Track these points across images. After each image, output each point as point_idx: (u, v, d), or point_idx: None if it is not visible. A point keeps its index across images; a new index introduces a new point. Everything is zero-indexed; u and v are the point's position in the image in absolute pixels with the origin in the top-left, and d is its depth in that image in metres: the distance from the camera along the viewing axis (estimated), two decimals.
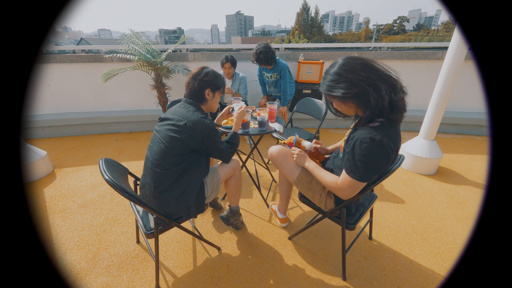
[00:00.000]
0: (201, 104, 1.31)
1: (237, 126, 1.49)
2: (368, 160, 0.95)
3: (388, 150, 0.95)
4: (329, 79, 0.99)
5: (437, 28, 53.28)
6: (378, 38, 51.58)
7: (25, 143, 2.33)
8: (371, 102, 0.93)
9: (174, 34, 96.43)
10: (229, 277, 1.36)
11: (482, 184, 2.25)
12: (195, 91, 1.28)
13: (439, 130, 2.56)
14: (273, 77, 2.74)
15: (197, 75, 1.28)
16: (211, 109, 1.38)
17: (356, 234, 1.58)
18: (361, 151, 0.95)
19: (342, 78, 0.95)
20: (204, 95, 1.29)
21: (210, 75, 1.29)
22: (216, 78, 1.31)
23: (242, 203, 1.97)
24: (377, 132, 0.94)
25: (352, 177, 1.00)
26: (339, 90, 0.96)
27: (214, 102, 1.36)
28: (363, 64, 0.94)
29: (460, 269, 0.54)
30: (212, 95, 1.32)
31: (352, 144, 0.99)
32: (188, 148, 1.20)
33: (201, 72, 1.29)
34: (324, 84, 1.02)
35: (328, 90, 1.00)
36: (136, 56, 2.84)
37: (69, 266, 1.43)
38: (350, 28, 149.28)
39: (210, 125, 1.21)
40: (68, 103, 3.51)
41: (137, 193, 1.35)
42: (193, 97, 1.29)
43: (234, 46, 3.91)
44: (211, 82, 1.29)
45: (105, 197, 2.06)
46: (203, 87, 1.27)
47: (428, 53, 3.36)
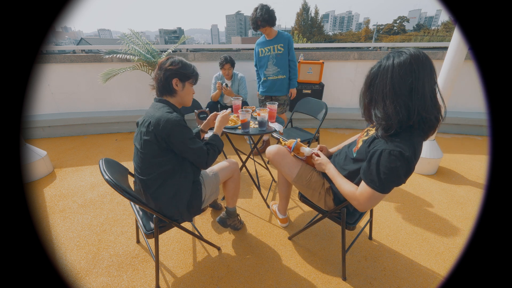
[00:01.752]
0: (171, 96, 1.22)
1: (218, 129, 1.40)
2: (394, 173, 0.91)
3: (412, 167, 0.92)
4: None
5: (437, 28, 53.26)
6: (378, 38, 51.58)
7: (25, 143, 2.33)
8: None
9: (174, 34, 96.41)
10: (229, 277, 1.36)
11: (482, 184, 2.25)
12: (162, 81, 1.18)
13: (439, 130, 2.56)
14: (276, 49, 2.36)
15: (162, 65, 1.18)
16: (184, 102, 1.27)
17: (356, 234, 1.58)
18: (389, 163, 0.90)
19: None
20: (171, 85, 1.18)
21: (176, 63, 1.18)
22: (185, 67, 1.20)
23: (242, 203, 1.97)
24: (406, 147, 0.89)
25: (372, 187, 0.96)
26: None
27: (185, 94, 1.24)
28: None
29: (460, 269, 0.54)
30: (181, 85, 1.21)
31: (378, 154, 0.93)
32: (162, 150, 1.13)
33: (167, 61, 1.19)
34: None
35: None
36: (136, 56, 2.84)
37: (69, 266, 1.43)
38: (350, 28, 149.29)
39: (174, 119, 1.10)
40: (68, 103, 3.51)
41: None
42: (162, 90, 1.20)
43: (234, 46, 3.91)
44: (178, 71, 1.17)
45: (105, 197, 2.06)
46: (169, 77, 1.17)
47: (428, 53, 3.35)
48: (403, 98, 0.88)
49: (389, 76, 0.89)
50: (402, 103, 0.89)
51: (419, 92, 0.87)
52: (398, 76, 0.87)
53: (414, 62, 0.86)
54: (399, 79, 0.87)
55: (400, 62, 0.87)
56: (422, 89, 0.87)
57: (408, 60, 0.86)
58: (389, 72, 0.89)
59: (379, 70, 0.93)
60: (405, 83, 0.87)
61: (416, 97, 0.87)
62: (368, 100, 0.99)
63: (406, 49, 0.89)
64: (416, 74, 0.86)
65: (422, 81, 0.86)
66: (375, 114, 0.98)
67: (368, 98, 0.99)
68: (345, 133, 3.47)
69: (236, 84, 2.86)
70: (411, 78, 0.86)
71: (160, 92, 1.22)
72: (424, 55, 0.87)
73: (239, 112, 1.58)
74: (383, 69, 0.91)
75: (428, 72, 0.87)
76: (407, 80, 0.87)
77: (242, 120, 1.58)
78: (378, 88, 0.93)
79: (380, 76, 0.92)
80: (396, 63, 0.88)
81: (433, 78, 0.88)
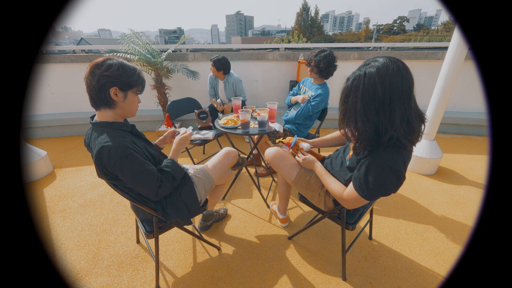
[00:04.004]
0: (109, 108, 0.98)
1: (176, 153, 1.18)
2: (382, 185, 0.92)
3: (402, 179, 0.92)
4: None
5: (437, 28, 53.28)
6: (378, 38, 51.59)
7: (25, 143, 2.33)
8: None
9: (174, 34, 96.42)
10: (229, 277, 1.36)
11: (482, 184, 2.25)
12: (95, 90, 0.92)
13: (439, 130, 2.57)
14: (308, 95, 2.08)
15: (95, 68, 0.91)
16: (126, 113, 1.04)
17: (356, 234, 1.58)
18: (377, 175, 0.90)
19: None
20: (108, 96, 0.94)
21: (114, 67, 0.92)
22: (126, 73, 0.94)
23: (242, 203, 1.97)
24: (396, 158, 0.87)
25: (360, 194, 0.98)
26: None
27: (128, 104, 1.00)
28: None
29: (460, 269, 0.54)
30: (122, 95, 0.97)
31: (366, 167, 0.93)
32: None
33: (101, 64, 0.92)
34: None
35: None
36: (136, 56, 2.84)
37: (69, 266, 1.43)
38: (350, 28, 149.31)
39: (115, 148, 0.91)
40: (68, 103, 3.51)
41: None
42: (96, 101, 0.96)
43: (234, 46, 3.91)
44: (116, 79, 0.92)
45: (105, 197, 2.06)
46: (105, 85, 0.92)
47: (428, 53, 3.36)
48: (372, 117, 0.86)
49: (358, 94, 0.86)
50: (372, 123, 0.86)
51: (387, 112, 0.84)
52: (367, 95, 0.84)
53: (379, 80, 0.82)
54: (367, 98, 0.85)
55: (369, 79, 0.84)
56: (389, 108, 0.83)
57: (374, 78, 0.83)
58: (359, 90, 0.86)
59: (352, 85, 0.89)
60: (372, 103, 0.84)
61: (384, 116, 0.84)
62: (342, 115, 0.96)
63: (377, 60, 0.85)
64: (382, 93, 0.82)
65: (389, 99, 0.82)
66: (348, 130, 0.96)
67: (343, 113, 0.96)
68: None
69: (229, 87, 2.75)
70: (377, 99, 0.83)
71: (94, 103, 0.97)
72: (395, 67, 0.82)
73: (239, 112, 1.58)
74: (355, 86, 0.88)
75: (399, 89, 0.82)
76: (374, 101, 0.84)
77: (242, 120, 1.58)
78: (350, 106, 0.90)
79: (352, 92, 0.89)
80: (366, 81, 0.84)
81: (404, 95, 0.83)
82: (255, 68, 3.59)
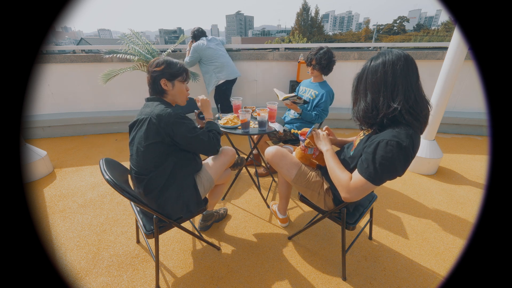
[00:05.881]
0: (163, 96, 1.25)
1: (209, 114, 1.45)
2: (389, 164, 0.90)
3: (410, 158, 0.91)
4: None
5: (437, 28, 53.27)
6: (378, 38, 51.60)
7: (25, 143, 2.33)
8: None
9: (174, 34, 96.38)
10: (229, 277, 1.36)
11: (482, 184, 2.25)
12: (151, 84, 1.23)
13: (439, 130, 2.57)
14: (312, 94, 2.09)
15: (149, 67, 1.22)
16: (177, 100, 1.30)
17: (356, 234, 1.58)
18: (385, 153, 0.90)
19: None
20: (160, 86, 1.22)
21: (160, 64, 1.20)
22: (170, 66, 1.21)
23: (242, 203, 1.97)
24: (404, 137, 0.89)
25: (366, 178, 0.94)
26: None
27: (177, 92, 1.26)
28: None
29: (460, 269, 0.54)
30: (170, 85, 1.23)
31: (375, 144, 0.93)
32: (164, 146, 1.14)
33: (153, 63, 1.22)
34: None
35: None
36: (136, 56, 2.83)
37: (69, 266, 1.43)
38: (350, 28, 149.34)
39: (174, 112, 1.13)
40: (68, 103, 3.51)
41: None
42: (153, 92, 1.25)
43: (234, 46, 3.91)
44: (163, 71, 1.20)
45: (105, 197, 2.06)
46: (156, 78, 1.20)
47: (428, 53, 3.36)
48: (375, 95, 0.96)
49: (363, 78, 1.00)
50: (376, 100, 0.96)
51: (389, 88, 0.94)
52: (370, 76, 0.97)
53: (382, 62, 0.94)
54: (370, 78, 0.97)
55: (374, 65, 0.97)
56: (392, 84, 0.93)
57: (378, 63, 0.96)
58: (364, 75, 1.00)
59: (359, 73, 1.02)
60: (376, 82, 0.95)
61: (386, 92, 0.94)
62: (354, 101, 1.08)
63: (383, 53, 0.97)
64: (384, 73, 0.93)
65: (392, 76, 0.93)
66: (358, 108, 1.03)
67: (353, 98, 1.08)
68: (345, 133, 3.47)
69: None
70: (379, 78, 0.94)
71: (153, 93, 1.26)
72: (407, 57, 0.96)
73: (239, 112, 1.58)
74: (361, 73, 1.02)
75: (411, 72, 0.94)
76: (377, 81, 0.95)
77: (242, 120, 1.57)
78: (356, 89, 1.04)
79: (359, 79, 1.02)
80: (371, 66, 0.98)
81: (415, 75, 0.95)
82: (255, 68, 3.60)
